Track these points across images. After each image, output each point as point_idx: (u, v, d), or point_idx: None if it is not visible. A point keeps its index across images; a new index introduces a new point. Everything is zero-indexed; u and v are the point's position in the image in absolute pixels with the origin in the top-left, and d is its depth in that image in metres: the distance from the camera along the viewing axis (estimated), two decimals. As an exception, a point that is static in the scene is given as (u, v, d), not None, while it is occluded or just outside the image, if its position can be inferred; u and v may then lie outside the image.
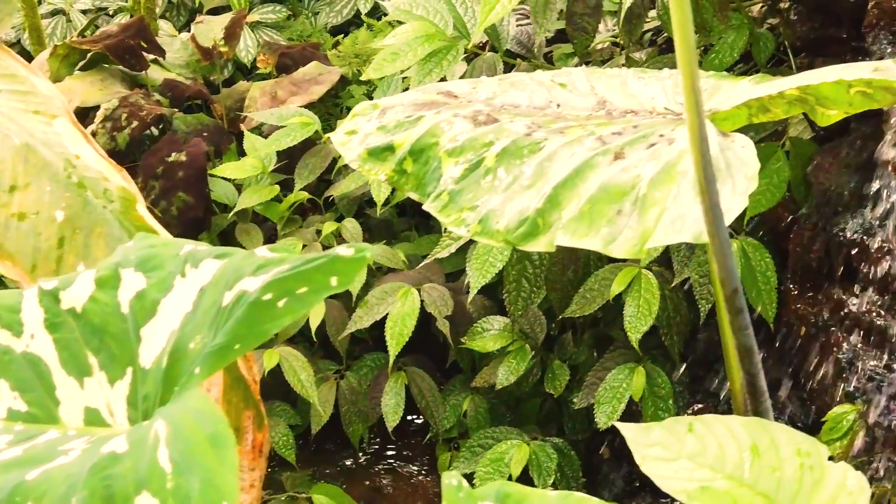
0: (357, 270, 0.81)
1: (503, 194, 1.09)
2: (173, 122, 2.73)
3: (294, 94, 2.81)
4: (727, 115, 1.20)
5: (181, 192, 2.54)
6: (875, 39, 1.81)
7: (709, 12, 1.97)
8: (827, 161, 1.91)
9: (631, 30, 1.94)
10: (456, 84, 1.28)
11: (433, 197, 1.14)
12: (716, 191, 0.82)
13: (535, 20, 1.88)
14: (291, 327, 2.40)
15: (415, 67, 2.06)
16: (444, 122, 1.18)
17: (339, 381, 2.41)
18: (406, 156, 1.19)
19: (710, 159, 0.81)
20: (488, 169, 1.12)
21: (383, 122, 1.24)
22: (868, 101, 1.14)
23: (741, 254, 2.01)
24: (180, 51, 2.95)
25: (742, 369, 0.89)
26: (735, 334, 0.86)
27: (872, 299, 1.85)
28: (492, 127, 1.15)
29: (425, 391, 2.36)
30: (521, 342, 2.23)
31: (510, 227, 1.06)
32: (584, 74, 1.23)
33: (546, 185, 1.06)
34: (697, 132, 0.78)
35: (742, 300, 0.85)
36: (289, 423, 2.37)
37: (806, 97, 1.15)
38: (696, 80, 0.75)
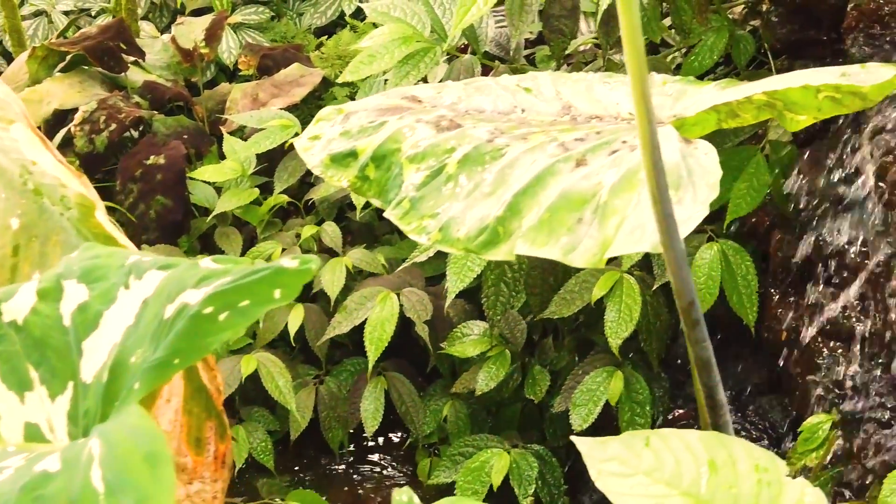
0: (301, 282, 0.79)
1: (464, 201, 1.07)
2: (153, 125, 2.71)
3: (275, 96, 2.78)
4: (696, 121, 1.18)
5: (159, 196, 2.52)
6: (854, 42, 1.79)
7: (688, 14, 1.95)
8: (807, 164, 1.89)
9: (609, 31, 1.92)
10: (421, 89, 1.26)
11: (394, 204, 1.12)
12: (669, 201, 0.80)
13: (511, 22, 1.86)
14: (270, 332, 2.38)
15: (392, 70, 2.04)
16: (406, 127, 1.16)
17: (319, 386, 2.39)
18: (368, 162, 1.17)
19: (663, 168, 0.78)
20: (450, 175, 1.10)
21: (347, 128, 1.22)
22: (837, 107, 1.12)
23: (721, 257, 2.00)
24: (161, 52, 2.92)
25: (700, 382, 0.87)
26: (692, 347, 0.84)
27: (852, 304, 1.83)
28: (454, 133, 1.13)
29: (405, 396, 2.34)
30: (500, 347, 2.21)
31: (470, 236, 1.04)
32: (550, 79, 1.21)
33: (507, 192, 1.04)
34: (649, 141, 0.76)
35: (698, 312, 0.83)
36: (268, 428, 2.35)
37: (774, 102, 1.13)
38: (647, 87, 0.73)
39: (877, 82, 1.06)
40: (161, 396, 1.21)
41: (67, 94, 2.68)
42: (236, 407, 2.39)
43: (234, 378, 2.26)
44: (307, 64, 2.90)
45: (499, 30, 2.16)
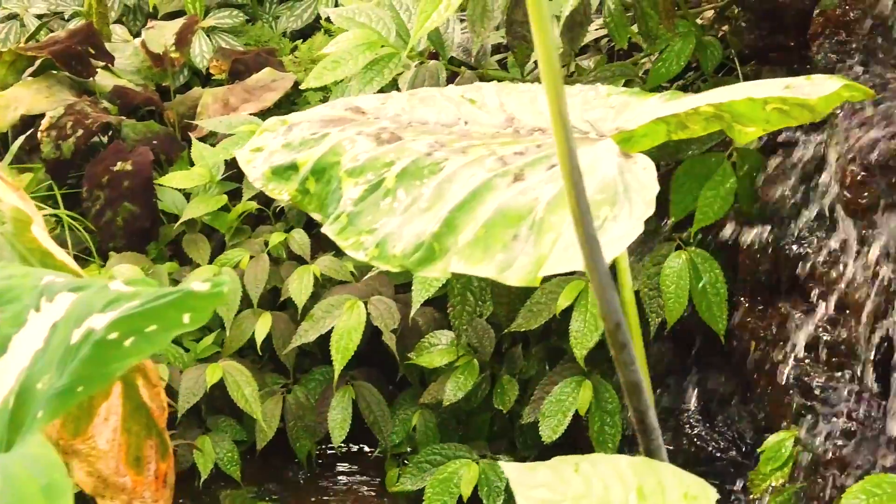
0: (213, 306, 0.76)
1: (401, 217, 1.04)
2: (122, 130, 2.68)
3: (246, 100, 2.76)
4: (645, 132, 1.15)
5: (127, 202, 2.49)
6: (820, 48, 1.77)
7: (653, 20, 1.93)
8: (774, 171, 1.87)
9: (573, 38, 1.90)
10: (365, 99, 1.23)
11: (332, 219, 1.09)
12: (591, 222, 0.77)
13: (473, 29, 1.83)
14: (237, 340, 2.35)
15: (356, 76, 2.01)
16: (346, 140, 1.13)
17: (286, 395, 2.36)
18: (309, 175, 1.14)
19: (584, 189, 0.76)
20: (388, 190, 1.07)
21: (289, 140, 1.19)
22: (785, 118, 1.10)
23: (690, 266, 1.97)
24: (132, 57, 2.89)
25: (631, 406, 0.84)
26: (621, 370, 0.82)
27: (820, 314, 1.81)
28: (394, 146, 1.10)
29: (373, 406, 2.31)
30: (468, 357, 2.19)
31: (406, 252, 1.01)
32: (495, 90, 1.18)
33: (443, 207, 1.01)
34: (567, 161, 0.73)
35: (626, 335, 0.80)
36: (234, 438, 2.32)
37: (721, 114, 1.11)
38: (563, 105, 0.71)
39: (823, 94, 1.03)
40: (98, 415, 1.18)
41: (35, 100, 2.65)
42: (203, 416, 2.36)
43: (199, 387, 2.24)
44: (279, 68, 2.87)
45: (466, 35, 2.13)
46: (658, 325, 2.04)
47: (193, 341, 2.46)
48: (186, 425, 2.33)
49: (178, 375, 2.28)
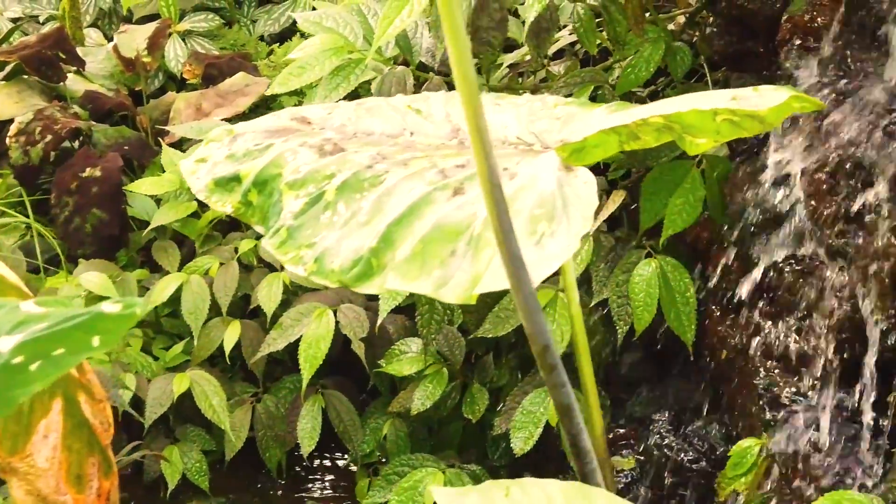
0: (124, 328, 0.74)
1: (340, 231, 1.02)
2: (93, 136, 2.65)
3: (219, 105, 2.73)
4: (597, 142, 1.13)
5: (95, 209, 2.46)
6: (787, 55, 1.74)
7: (622, 26, 1.90)
8: (742, 179, 1.84)
9: (540, 44, 1.87)
10: (312, 109, 1.21)
11: (272, 232, 1.06)
12: (514, 241, 0.75)
13: (436, 34, 1.81)
14: (206, 349, 2.32)
15: (322, 82, 1.98)
16: (289, 151, 1.11)
17: (256, 404, 2.33)
18: (251, 187, 1.12)
19: (506, 208, 0.73)
20: (328, 203, 1.04)
21: (232, 151, 1.17)
22: (736, 130, 1.07)
23: (660, 273, 1.95)
24: (105, 61, 2.86)
25: (563, 428, 0.82)
26: (551, 392, 0.79)
27: (788, 324, 1.79)
28: (336, 157, 1.08)
29: (343, 415, 2.28)
30: (438, 365, 2.16)
31: (344, 268, 0.99)
32: (442, 99, 1.15)
33: (382, 222, 0.99)
34: (488, 179, 0.71)
35: (555, 356, 0.78)
36: (203, 448, 2.29)
37: (671, 125, 1.08)
38: (482, 122, 0.68)
39: (771, 106, 1.01)
40: (37, 432, 1.15)
41: (4, 105, 2.62)
42: (171, 426, 2.33)
43: (166, 397, 2.21)
44: (253, 73, 2.84)
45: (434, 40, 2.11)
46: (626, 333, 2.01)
47: (163, 349, 2.43)
48: (155, 434, 2.30)
49: (146, 385, 2.25)
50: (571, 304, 1.07)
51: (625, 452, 2.07)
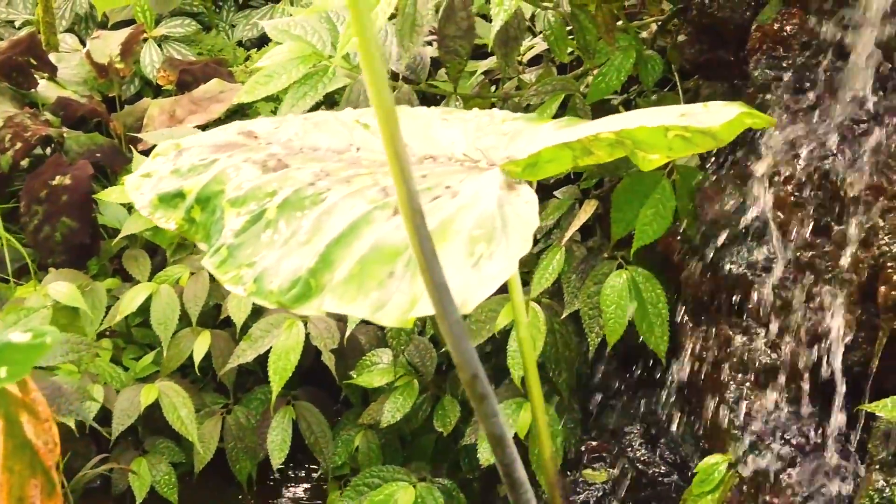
0: (33, 359, 0.72)
1: (280, 250, 0.99)
2: (65, 143, 2.62)
3: (193, 112, 2.70)
4: (550, 157, 1.10)
5: (65, 217, 2.43)
6: (757, 64, 1.72)
7: (591, 34, 1.88)
8: (712, 190, 1.82)
9: (507, 53, 1.84)
10: (259, 123, 1.18)
11: (212, 251, 1.03)
12: (438, 268, 0.72)
13: (401, 43, 1.78)
14: (175, 360, 2.29)
15: (290, 90, 1.96)
16: (232, 167, 1.08)
17: (226, 416, 2.30)
18: (194, 203, 1.09)
19: (428, 234, 0.71)
20: (269, 221, 1.02)
21: (177, 166, 1.14)
22: (688, 146, 1.05)
23: (631, 285, 1.93)
24: (78, 67, 2.83)
25: (496, 458, 0.79)
26: (482, 422, 0.77)
27: (759, 336, 1.77)
28: (279, 174, 1.05)
29: (314, 426, 2.26)
30: (408, 377, 2.13)
31: (283, 288, 0.96)
32: (390, 114, 1.13)
33: (321, 241, 0.96)
34: (408, 204, 0.68)
35: (485, 386, 0.75)
36: (172, 460, 2.26)
37: (623, 141, 1.06)
38: (400, 145, 0.65)
39: (719, 123, 0.99)
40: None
41: (-25, 112, 2.59)
42: (140, 437, 2.30)
43: (134, 408, 2.18)
44: (228, 79, 2.81)
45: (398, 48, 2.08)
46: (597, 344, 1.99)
47: (133, 359, 2.40)
48: (124, 446, 2.27)
49: (115, 396, 2.22)
50: (519, 326, 1.04)
51: (597, 465, 2.04)
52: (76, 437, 2.13)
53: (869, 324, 1.56)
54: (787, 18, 1.68)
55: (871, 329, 1.56)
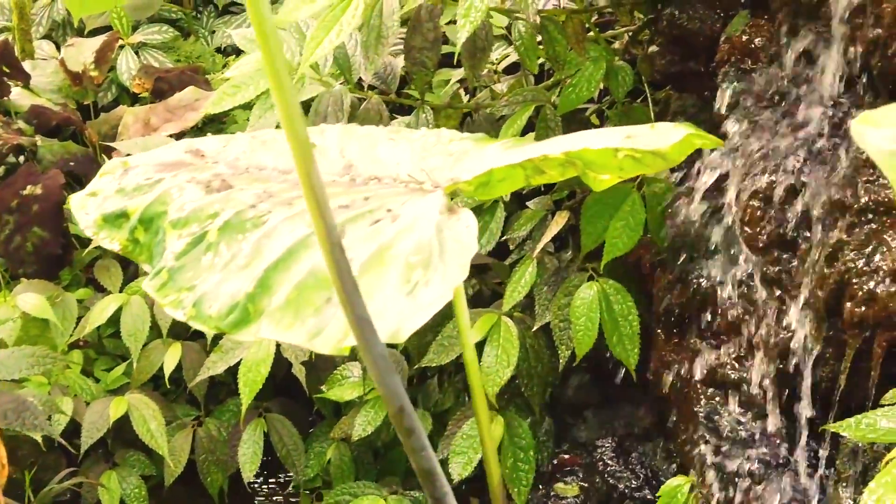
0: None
1: (221, 274, 0.97)
2: (38, 152, 2.60)
3: (168, 120, 2.68)
4: (503, 176, 1.09)
5: (36, 227, 2.41)
6: (725, 76, 1.70)
7: (560, 45, 1.86)
8: (682, 202, 1.80)
9: (475, 65, 1.83)
10: (208, 141, 1.16)
11: (153, 274, 1.02)
12: (360, 302, 0.70)
13: (366, 55, 1.76)
14: (145, 372, 2.27)
15: (257, 101, 1.94)
16: (175, 187, 1.07)
17: (197, 428, 2.28)
18: (137, 224, 1.08)
19: (348, 268, 0.69)
20: (210, 244, 1.00)
21: (123, 185, 1.12)
22: (639, 166, 1.03)
23: (602, 297, 1.91)
24: (53, 75, 2.81)
25: (427, 493, 0.77)
26: (411, 457, 0.75)
27: (728, 351, 1.75)
28: (221, 195, 1.03)
29: (286, 439, 2.24)
30: (379, 389, 2.11)
31: (221, 313, 0.94)
32: (338, 133, 1.11)
33: (260, 265, 0.94)
34: (326, 237, 0.66)
35: (412, 420, 0.73)
36: (142, 473, 2.24)
37: (573, 161, 1.04)
38: (316, 178, 0.64)
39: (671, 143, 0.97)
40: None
41: (-53, 120, 2.56)
42: (110, 449, 2.28)
43: (103, 421, 2.16)
44: (205, 87, 2.79)
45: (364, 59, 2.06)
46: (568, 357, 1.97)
47: (105, 370, 2.38)
48: (94, 459, 2.25)
49: (85, 408, 2.20)
50: (466, 349, 1.03)
51: (568, 479, 2.03)
52: (45, 450, 2.11)
53: (836, 340, 1.55)
54: (756, 31, 1.66)
55: (839, 345, 1.55)
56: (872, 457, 1.52)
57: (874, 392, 1.52)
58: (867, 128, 0.55)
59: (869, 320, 1.44)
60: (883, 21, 1.41)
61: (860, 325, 1.45)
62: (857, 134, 0.54)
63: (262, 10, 0.61)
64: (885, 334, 1.43)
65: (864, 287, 1.44)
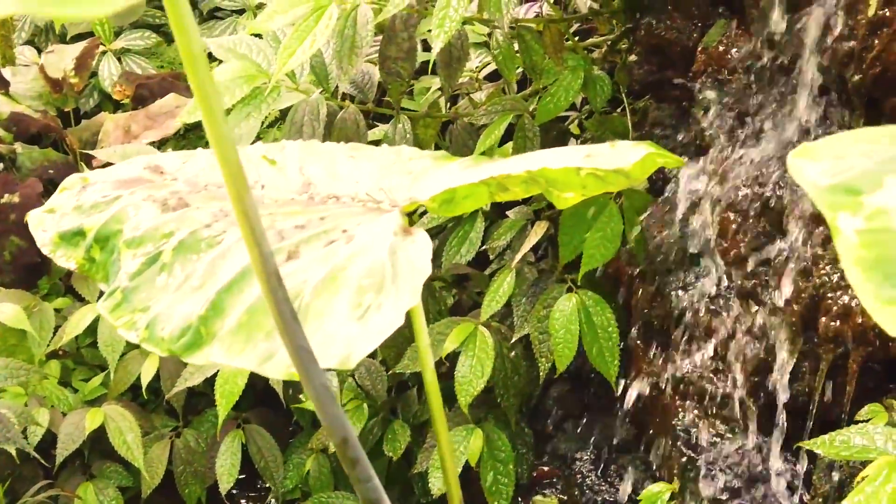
0: None
1: (174, 295, 0.95)
2: (18, 159, 2.58)
3: (148, 128, 2.66)
4: (467, 193, 1.07)
5: (14, 237, 2.39)
6: (703, 86, 1.69)
7: (538, 54, 1.84)
8: (659, 213, 1.79)
9: (450, 75, 1.81)
10: (168, 158, 1.15)
11: (107, 295, 1.00)
12: (298, 332, 0.69)
13: (340, 65, 1.74)
14: (122, 383, 2.25)
15: (233, 111, 1.92)
16: (132, 205, 1.05)
17: (175, 439, 2.26)
18: (93, 243, 1.06)
19: (285, 297, 0.67)
20: (165, 265, 0.98)
21: (80, 202, 1.11)
22: (602, 184, 1.02)
23: (581, 309, 1.89)
24: (33, 81, 2.79)
25: (374, 526, 0.76)
26: (356, 487, 0.73)
27: (706, 364, 1.74)
28: (177, 214, 1.01)
29: (265, 450, 2.22)
30: (357, 401, 2.10)
31: (174, 336, 0.93)
32: (298, 150, 1.09)
33: (213, 287, 0.92)
34: (261, 266, 0.65)
35: (356, 450, 0.72)
36: (120, 484, 2.22)
37: (536, 179, 1.03)
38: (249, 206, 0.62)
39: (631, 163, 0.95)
40: None
41: (-75, 128, 2.54)
42: (87, 461, 2.26)
43: (79, 433, 2.14)
44: (186, 94, 2.77)
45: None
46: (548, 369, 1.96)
47: (83, 381, 2.36)
48: (71, 470, 2.23)
49: (62, 419, 2.18)
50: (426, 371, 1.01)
51: (548, 491, 2.01)
52: (20, 462, 2.09)
53: (812, 354, 1.53)
54: (732, 41, 1.65)
55: (815, 359, 1.53)
56: (849, 472, 1.51)
57: (850, 408, 1.50)
58: (805, 161, 0.53)
59: (844, 335, 1.42)
60: (857, 33, 1.39)
61: (835, 340, 1.44)
62: (793, 168, 0.52)
63: (191, 36, 0.59)
64: (860, 349, 1.41)
65: (839, 301, 1.42)
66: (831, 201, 0.51)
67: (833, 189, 0.52)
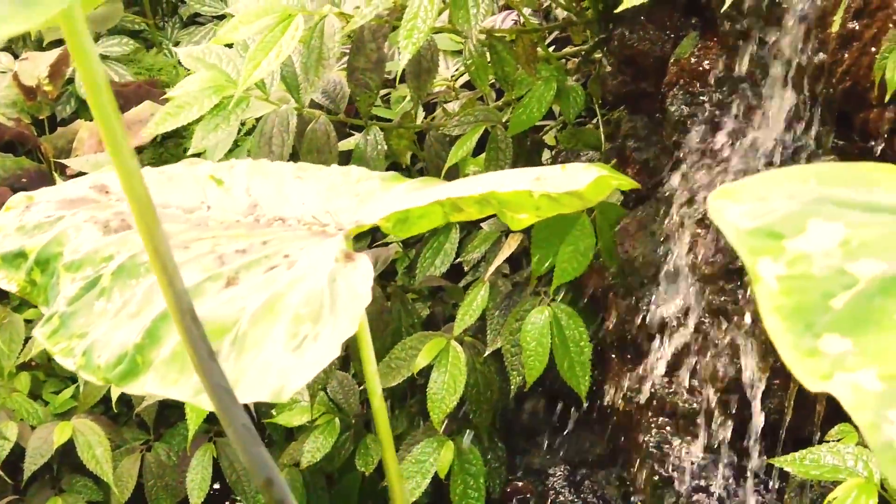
0: None
1: (112, 321, 0.92)
2: (-10, 168, 2.55)
3: (123, 136, 2.63)
4: (422, 213, 1.05)
5: (-16, 247, 2.35)
6: (674, 99, 1.66)
7: (510, 65, 1.82)
8: (632, 227, 1.76)
9: (420, 86, 1.78)
10: (114, 177, 1.12)
11: (45, 320, 0.97)
12: (216, 370, 0.66)
13: (307, 76, 1.72)
14: (92, 396, 2.22)
15: (201, 121, 1.89)
16: (73, 227, 1.02)
17: (146, 452, 2.23)
18: (34, 265, 1.03)
19: (201, 334, 0.64)
20: (104, 289, 0.95)
21: (23, 222, 1.08)
22: (556, 206, 0.99)
23: (553, 322, 1.86)
24: (7, 89, 2.76)
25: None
26: (284, 530, 0.71)
27: (677, 381, 1.71)
28: (118, 236, 0.98)
29: (236, 464, 2.19)
30: (330, 415, 2.07)
31: (109, 364, 0.90)
32: (245, 169, 1.06)
33: (150, 314, 0.89)
34: (175, 304, 0.62)
35: (281, 491, 0.69)
36: (90, 499, 2.19)
37: (489, 200, 1.00)
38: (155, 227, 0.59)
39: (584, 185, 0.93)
40: None
41: None
42: (56, 475, 2.23)
43: (47, 447, 2.10)
44: (161, 102, 2.74)
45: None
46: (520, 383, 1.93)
47: (54, 393, 2.33)
48: (40, 484, 2.20)
49: (30, 433, 2.15)
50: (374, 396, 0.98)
51: (521, 507, 1.98)
52: (-13, 477, 2.06)
53: (783, 371, 1.51)
54: (705, 53, 1.62)
55: (786, 376, 1.51)
56: (819, 492, 1.48)
57: (821, 426, 1.48)
58: (726, 202, 0.50)
59: (814, 354, 1.39)
60: (827, 47, 1.37)
61: (805, 359, 1.41)
62: (713, 210, 0.50)
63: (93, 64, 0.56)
64: (829, 369, 1.39)
65: (810, 319, 1.40)
66: (752, 245, 0.48)
67: (754, 233, 0.49)
